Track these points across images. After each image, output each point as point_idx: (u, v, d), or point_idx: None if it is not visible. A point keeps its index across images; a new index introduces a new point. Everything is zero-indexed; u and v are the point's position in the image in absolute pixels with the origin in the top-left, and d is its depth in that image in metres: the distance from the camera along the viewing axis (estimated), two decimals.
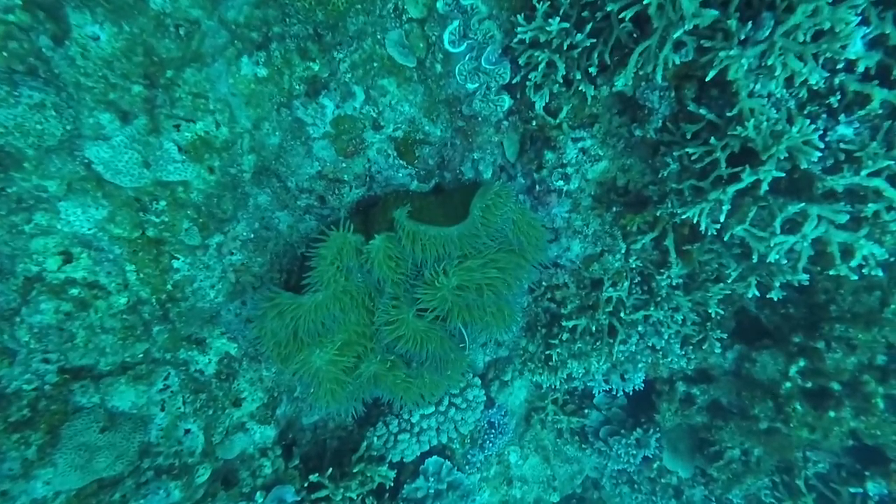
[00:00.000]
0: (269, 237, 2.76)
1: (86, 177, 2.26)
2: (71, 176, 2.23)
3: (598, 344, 3.63)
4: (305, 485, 3.13)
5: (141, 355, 2.52)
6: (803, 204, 2.37)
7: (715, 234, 2.64)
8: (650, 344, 3.57)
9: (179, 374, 2.60)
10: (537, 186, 3.02)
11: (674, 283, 3.32)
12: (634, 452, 4.26)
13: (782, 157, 2.23)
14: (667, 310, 3.45)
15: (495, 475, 4.32)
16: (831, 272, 2.46)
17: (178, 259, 2.56)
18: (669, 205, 2.85)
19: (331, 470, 3.21)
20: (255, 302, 2.76)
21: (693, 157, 2.51)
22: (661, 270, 3.31)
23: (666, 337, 3.50)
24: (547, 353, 3.74)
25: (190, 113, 2.37)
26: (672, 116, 2.66)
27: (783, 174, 2.31)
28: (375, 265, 2.61)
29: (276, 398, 3.03)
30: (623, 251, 3.29)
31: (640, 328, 3.55)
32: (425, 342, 2.84)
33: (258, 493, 2.85)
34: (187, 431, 2.57)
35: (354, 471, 3.23)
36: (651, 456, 4.22)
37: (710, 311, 3.37)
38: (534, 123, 2.84)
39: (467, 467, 3.73)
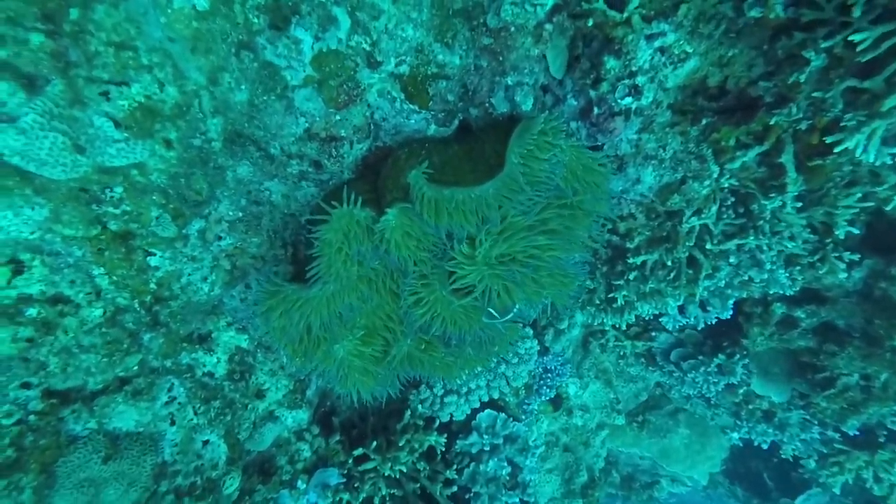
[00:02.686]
0: (261, 213, 2.25)
1: (1, 173, 1.76)
2: None
3: (675, 281, 3.06)
4: (350, 460, 2.94)
5: (136, 368, 2.19)
6: None
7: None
8: (747, 277, 2.95)
9: (185, 383, 2.29)
10: (595, 108, 2.28)
11: (788, 208, 2.61)
12: (715, 380, 3.83)
13: None
14: (769, 234, 2.77)
15: (554, 408, 4.07)
16: None
17: (154, 254, 2.11)
18: (795, 110, 2.09)
19: (375, 443, 2.98)
20: (258, 289, 2.33)
21: (861, 46, 1.73)
22: (770, 193, 2.59)
23: (768, 265, 2.84)
24: (610, 295, 3.21)
25: (118, 73, 1.76)
26: None
27: None
28: (392, 246, 2.07)
29: (304, 381, 2.73)
30: (715, 174, 2.57)
31: (732, 259, 2.91)
32: (466, 321, 2.37)
33: (299, 479, 2.67)
34: (206, 443, 2.32)
35: (401, 443, 2.99)
36: (736, 383, 3.77)
37: (837, 231, 2.67)
38: (589, 21, 2.05)
39: (524, 416, 3.46)
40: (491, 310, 2.37)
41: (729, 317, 3.27)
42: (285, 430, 2.71)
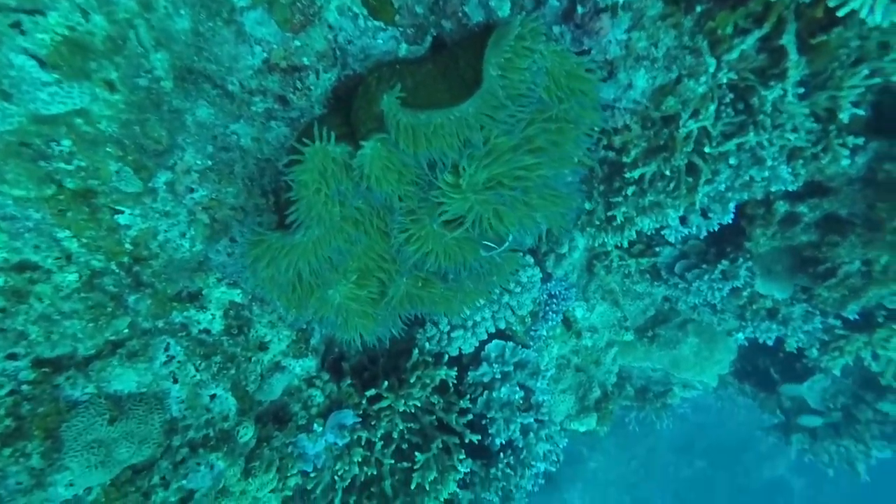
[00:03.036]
0: (232, 160, 2.12)
1: None
2: None
3: (674, 192, 2.94)
4: (363, 401, 2.95)
5: (127, 330, 2.14)
6: None
7: None
8: (748, 177, 2.82)
9: (181, 342, 2.24)
10: (579, 7, 2.09)
11: (789, 97, 2.45)
12: (720, 286, 3.79)
13: None
14: (770, 128, 2.62)
15: (562, 332, 4.07)
16: None
17: (122, 212, 2.01)
18: None
19: (386, 383, 2.99)
20: (242, 241, 2.24)
21: None
22: (769, 83, 2.43)
23: (770, 162, 2.71)
24: (609, 213, 3.10)
25: None
26: None
27: None
28: (374, 182, 1.96)
29: (307, 330, 2.69)
30: (711, 68, 2.39)
31: (731, 160, 2.78)
32: (460, 253, 2.29)
33: (315, 423, 2.69)
34: (213, 397, 2.31)
35: (412, 380, 2.99)
36: (741, 286, 3.73)
37: (841, 115, 2.52)
38: None
39: (532, 343, 3.45)
40: (487, 243, 2.29)
41: (730, 221, 3.17)
42: (295, 378, 2.70)
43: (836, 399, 4.86)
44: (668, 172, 2.89)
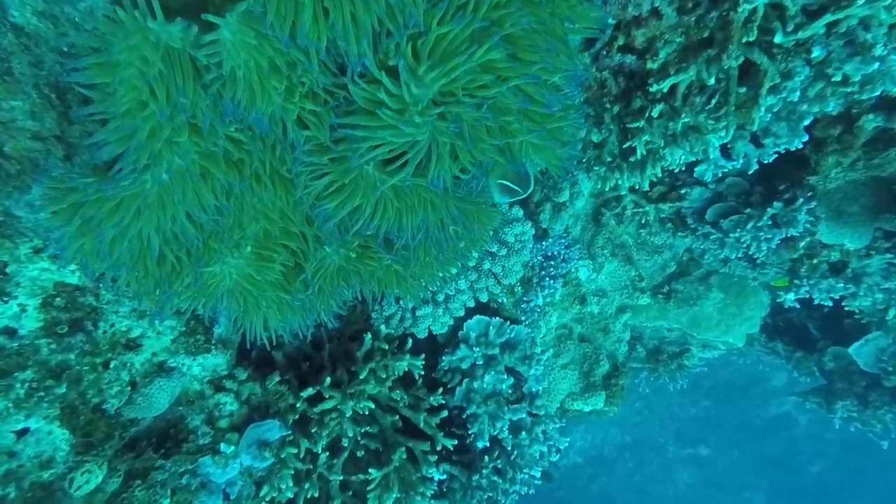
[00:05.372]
0: (7, 50, 1.30)
1: None
2: None
3: (721, 108, 2.12)
4: (299, 403, 2.24)
5: None
6: None
7: None
8: (839, 76, 1.97)
9: None
10: None
11: None
12: (768, 236, 2.98)
13: None
14: None
15: (563, 298, 3.33)
16: None
17: None
18: None
19: (329, 379, 2.27)
20: (39, 191, 1.45)
21: None
22: None
23: (880, 51, 1.85)
24: (626, 145, 2.29)
25: None
26: None
27: None
28: (244, 92, 1.16)
29: (207, 315, 1.94)
30: None
31: (815, 52, 1.92)
32: (411, 209, 1.52)
33: (223, 442, 1.98)
34: (23, 433, 1.56)
35: (362, 374, 2.27)
36: (797, 235, 2.91)
37: None
38: None
39: (524, 317, 2.71)
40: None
41: (802, 146, 2.34)
42: (194, 381, 1.98)
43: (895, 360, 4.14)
44: (711, 81, 2.05)
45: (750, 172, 2.60)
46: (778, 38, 1.82)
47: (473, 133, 1.39)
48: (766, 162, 2.48)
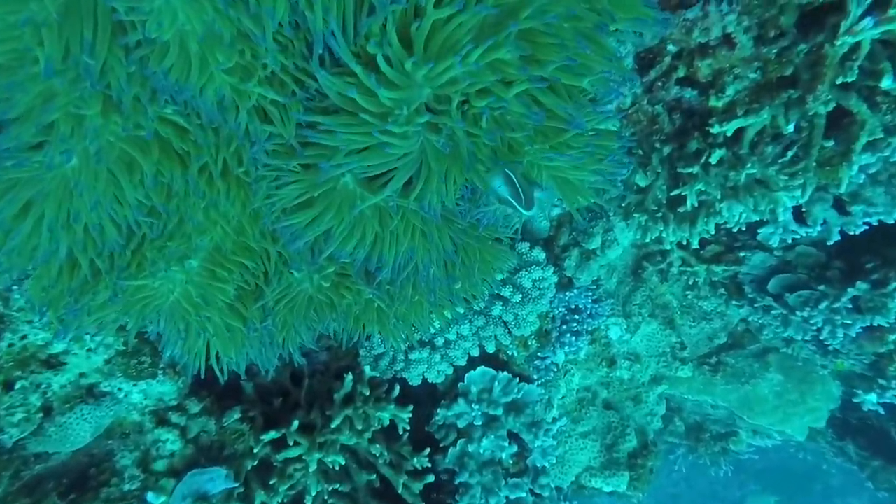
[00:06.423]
0: None
1: None
2: None
3: (797, 162, 1.74)
4: (258, 448, 1.95)
5: None
6: None
7: None
8: None
9: None
10: None
11: None
12: (847, 321, 2.51)
13: None
14: None
15: (588, 357, 2.93)
16: None
17: None
18: None
19: (297, 422, 1.97)
20: None
21: None
22: None
23: None
24: (675, 193, 1.94)
25: None
26: None
27: None
28: (178, 62, 0.91)
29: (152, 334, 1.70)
30: None
31: None
32: (394, 236, 1.25)
33: (151, 493, 1.69)
34: None
35: (335, 422, 1.96)
36: (887, 326, 2.42)
37: None
38: None
39: (536, 376, 2.34)
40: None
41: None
42: (133, 411, 1.72)
43: None
44: (790, 129, 1.69)
45: (829, 243, 2.18)
46: (886, 84, 1.45)
47: (471, 152, 1.10)
48: (851, 233, 2.06)
